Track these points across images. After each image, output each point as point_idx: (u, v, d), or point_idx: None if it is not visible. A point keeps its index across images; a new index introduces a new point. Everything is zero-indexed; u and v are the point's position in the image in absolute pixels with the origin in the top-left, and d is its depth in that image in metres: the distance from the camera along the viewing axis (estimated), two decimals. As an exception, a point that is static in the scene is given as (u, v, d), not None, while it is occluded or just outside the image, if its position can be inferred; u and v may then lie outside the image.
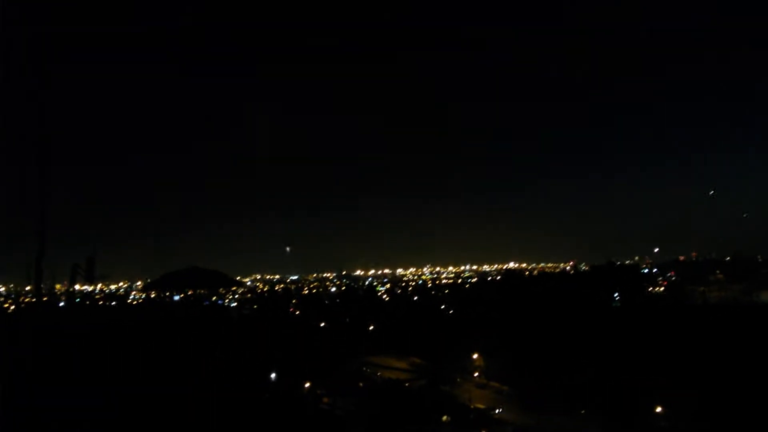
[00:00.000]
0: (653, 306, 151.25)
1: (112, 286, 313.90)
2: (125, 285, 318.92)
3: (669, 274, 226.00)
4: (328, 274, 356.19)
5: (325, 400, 68.87)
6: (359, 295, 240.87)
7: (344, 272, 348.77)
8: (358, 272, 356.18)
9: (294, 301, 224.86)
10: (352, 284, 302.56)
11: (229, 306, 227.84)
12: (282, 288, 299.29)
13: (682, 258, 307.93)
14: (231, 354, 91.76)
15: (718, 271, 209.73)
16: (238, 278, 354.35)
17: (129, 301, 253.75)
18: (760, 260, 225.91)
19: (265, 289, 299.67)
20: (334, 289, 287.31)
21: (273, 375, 77.03)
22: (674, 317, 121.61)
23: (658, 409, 54.57)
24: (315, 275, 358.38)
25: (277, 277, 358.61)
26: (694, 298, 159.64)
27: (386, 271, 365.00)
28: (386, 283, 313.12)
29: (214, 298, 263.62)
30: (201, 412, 58.29)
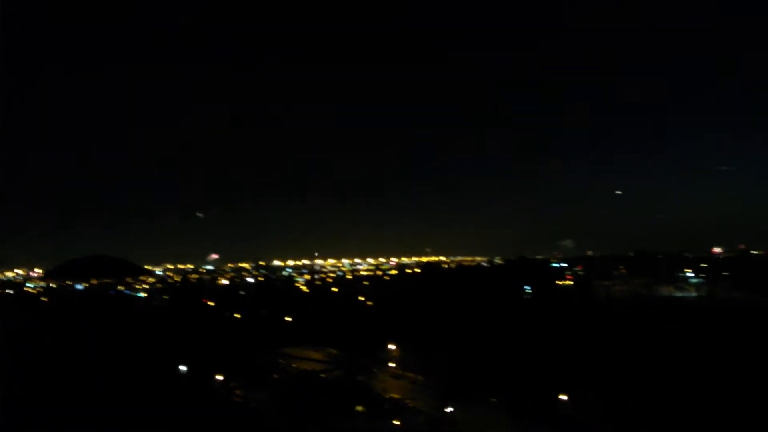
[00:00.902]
0: (561, 299, 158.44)
1: (8, 274, 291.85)
2: (23, 273, 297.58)
3: (577, 269, 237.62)
4: (245, 265, 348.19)
5: (238, 392, 66.79)
6: (277, 286, 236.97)
7: (262, 263, 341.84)
8: (276, 263, 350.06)
9: (208, 291, 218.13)
10: (270, 275, 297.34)
11: (137, 296, 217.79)
12: (196, 278, 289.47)
13: (589, 253, 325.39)
14: (137, 346, 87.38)
15: (621, 267, 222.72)
16: (148, 267, 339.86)
17: (26, 289, 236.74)
18: (660, 257, 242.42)
19: (177, 279, 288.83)
20: (251, 280, 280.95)
21: (183, 368, 73.97)
22: (580, 310, 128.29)
23: (563, 397, 56.78)
24: (231, 266, 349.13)
25: (191, 266, 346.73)
26: (599, 291, 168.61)
27: (305, 262, 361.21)
28: (305, 274, 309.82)
29: (121, 287, 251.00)
30: (102, 405, 54.95)
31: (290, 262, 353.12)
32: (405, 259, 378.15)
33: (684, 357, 68.76)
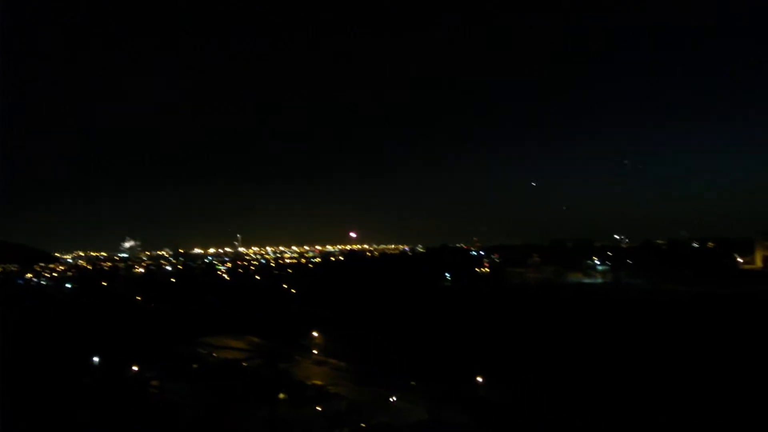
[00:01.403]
0: (479, 284, 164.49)
1: None
2: None
3: (494, 257, 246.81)
4: (164, 252, 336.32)
5: (154, 384, 65.02)
6: (197, 274, 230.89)
7: (181, 250, 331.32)
8: (196, 251, 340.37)
9: (122, 279, 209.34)
10: (190, 263, 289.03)
11: (43, 284, 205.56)
12: (110, 266, 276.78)
13: (506, 242, 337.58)
14: (42, 337, 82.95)
15: (535, 255, 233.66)
16: (58, 255, 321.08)
17: None
18: (570, 246, 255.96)
19: (89, 266, 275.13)
20: (170, 268, 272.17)
21: (95, 359, 71.02)
22: (496, 295, 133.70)
23: (479, 379, 59.52)
24: (149, 253, 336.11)
25: (104, 254, 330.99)
26: (514, 277, 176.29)
27: (227, 249, 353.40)
28: (227, 262, 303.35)
29: (29, 275, 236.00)
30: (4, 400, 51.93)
31: (212, 250, 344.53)
32: (329, 247, 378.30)
33: (588, 339, 73.68)
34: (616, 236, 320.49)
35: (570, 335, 77.57)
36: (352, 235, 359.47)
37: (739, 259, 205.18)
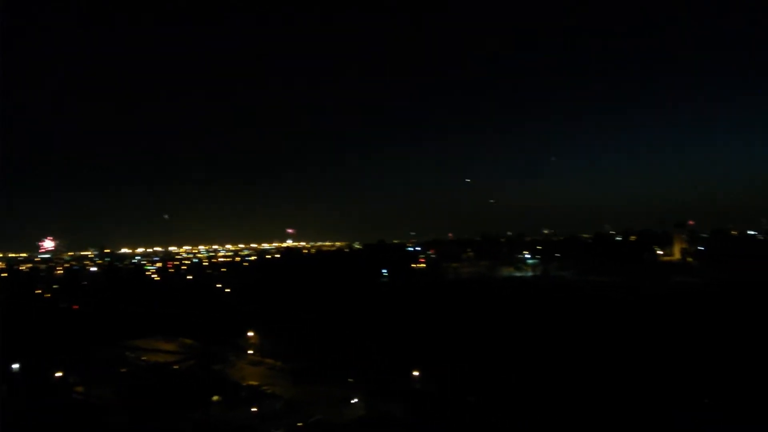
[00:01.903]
0: (415, 280, 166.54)
1: None
2: None
3: (429, 252, 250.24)
4: (88, 253, 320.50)
5: (79, 389, 62.08)
6: (124, 274, 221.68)
7: (107, 250, 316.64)
8: (124, 250, 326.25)
9: (43, 282, 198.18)
10: (117, 263, 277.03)
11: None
12: (28, 268, 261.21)
13: (440, 237, 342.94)
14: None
15: (469, 250, 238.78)
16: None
17: None
18: (503, 240, 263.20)
19: (4, 268, 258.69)
20: (95, 269, 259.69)
21: (15, 366, 67.01)
22: (432, 291, 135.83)
23: (415, 372, 60.34)
24: (72, 254, 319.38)
25: (24, 255, 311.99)
26: (449, 273, 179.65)
27: (157, 249, 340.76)
28: (157, 261, 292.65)
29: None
30: None
31: (140, 250, 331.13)
32: (265, 245, 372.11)
33: (518, 329, 76.27)
34: (545, 231, 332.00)
35: (500, 326, 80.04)
36: (289, 232, 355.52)
37: (659, 252, 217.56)
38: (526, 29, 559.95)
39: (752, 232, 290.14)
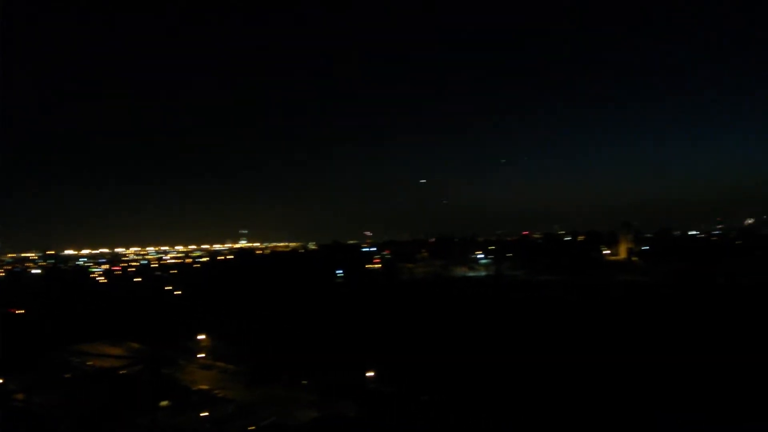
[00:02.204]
0: (370, 280, 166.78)
1: None
2: None
3: (384, 253, 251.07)
4: (31, 254, 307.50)
5: (19, 396, 59.27)
6: (68, 276, 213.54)
7: (50, 252, 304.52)
8: (68, 252, 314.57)
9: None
10: (61, 265, 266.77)
11: None
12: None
13: (395, 237, 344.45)
14: None
15: (424, 250, 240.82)
16: None
17: None
18: (456, 241, 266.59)
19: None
20: (38, 271, 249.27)
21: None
22: (387, 291, 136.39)
23: (370, 373, 60.38)
24: (13, 255, 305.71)
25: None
26: (404, 273, 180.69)
27: (104, 250, 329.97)
28: (103, 263, 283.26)
29: None
30: None
31: (86, 251, 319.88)
32: (218, 246, 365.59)
33: (470, 328, 77.40)
34: (498, 231, 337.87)
35: (454, 325, 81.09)
36: (242, 232, 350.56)
37: (606, 251, 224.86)
38: (476, 29, 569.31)
39: (693, 233, 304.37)
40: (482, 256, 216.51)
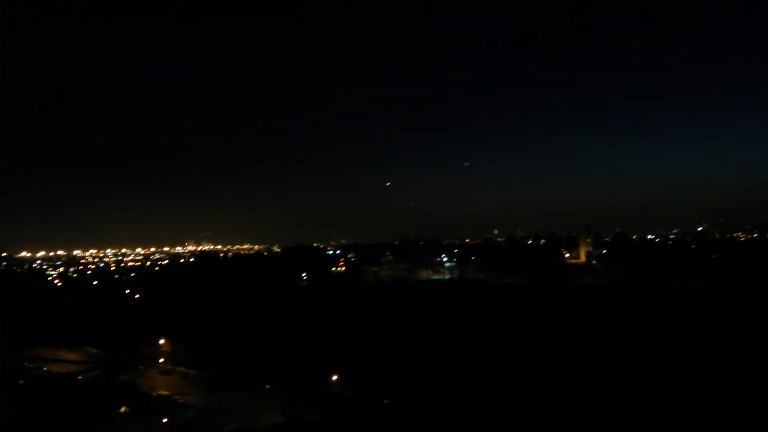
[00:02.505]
0: (335, 283, 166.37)
1: None
2: None
3: (350, 256, 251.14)
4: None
5: (-30, 404, 57.24)
6: (21, 279, 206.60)
7: (4, 254, 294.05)
8: (23, 254, 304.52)
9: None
10: (15, 268, 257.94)
11: None
12: None
13: (360, 241, 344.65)
14: None
15: (388, 253, 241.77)
16: None
17: None
18: (421, 244, 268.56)
19: None
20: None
21: None
22: (352, 294, 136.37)
23: (334, 377, 60.43)
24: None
25: None
26: (368, 276, 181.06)
27: (60, 253, 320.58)
28: (60, 266, 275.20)
29: None
30: None
31: (41, 253, 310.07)
32: (179, 249, 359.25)
33: (434, 331, 78.20)
34: (462, 235, 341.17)
35: (418, 327, 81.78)
36: (204, 235, 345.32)
37: (566, 254, 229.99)
38: (443, 32, 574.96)
39: (650, 237, 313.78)
40: (446, 259, 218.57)
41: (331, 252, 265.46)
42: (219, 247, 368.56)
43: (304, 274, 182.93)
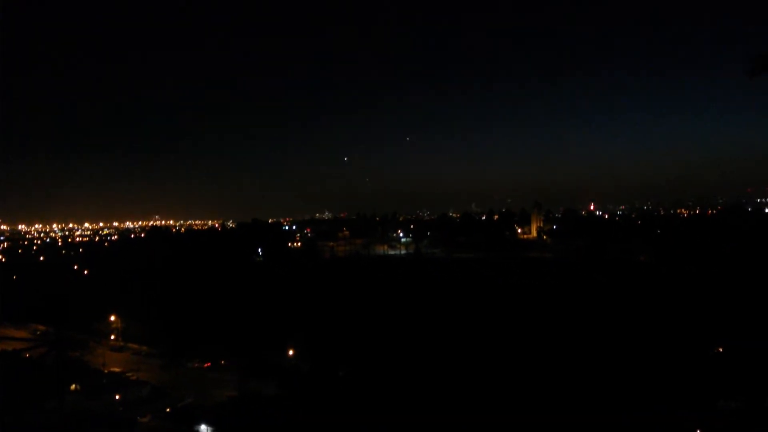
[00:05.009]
0: (291, 259, 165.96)
1: None
2: None
3: (306, 231, 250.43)
4: None
5: None
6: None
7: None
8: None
9: None
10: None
11: None
12: None
13: (317, 216, 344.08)
14: None
15: (345, 229, 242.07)
16: None
17: None
18: (377, 220, 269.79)
19: None
20: None
21: None
22: (307, 269, 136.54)
23: (290, 352, 60.98)
24: None
25: None
26: (325, 251, 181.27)
27: (3, 227, 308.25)
28: (3, 241, 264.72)
29: None
30: None
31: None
32: (129, 224, 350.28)
33: (390, 303, 79.56)
34: (418, 211, 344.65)
35: (372, 301, 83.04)
36: (153, 209, 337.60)
37: (519, 230, 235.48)
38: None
39: (598, 213, 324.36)
40: (402, 234, 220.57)
41: (287, 228, 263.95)
42: (171, 222, 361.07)
43: (259, 250, 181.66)
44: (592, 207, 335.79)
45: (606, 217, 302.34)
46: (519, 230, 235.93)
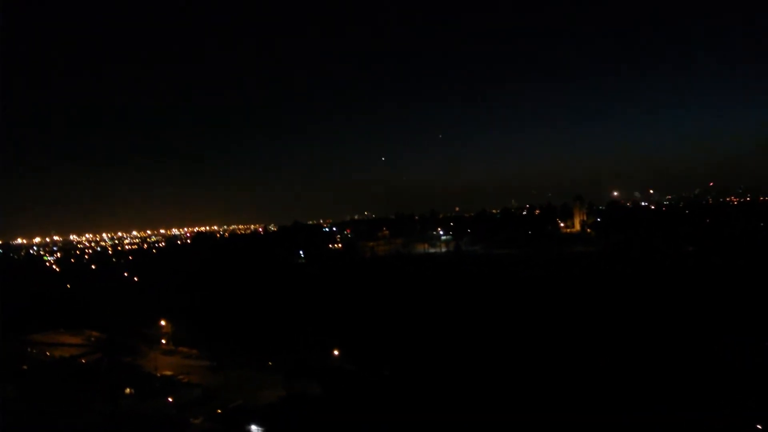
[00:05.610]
0: (332, 260, 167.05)
1: None
2: None
3: (345, 232, 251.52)
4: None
5: (-25, 392, 58.01)
6: (18, 265, 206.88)
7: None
8: (18, 241, 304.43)
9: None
10: (11, 254, 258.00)
11: None
12: None
13: (357, 217, 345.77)
14: None
15: (384, 228, 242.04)
16: None
17: None
18: (417, 218, 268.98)
19: None
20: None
21: None
22: (349, 269, 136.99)
23: (335, 352, 61.37)
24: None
25: None
26: (365, 251, 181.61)
27: (56, 238, 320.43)
28: (56, 251, 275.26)
29: None
30: None
31: (37, 239, 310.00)
32: (175, 231, 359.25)
33: (435, 302, 78.99)
34: (456, 208, 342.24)
35: (417, 300, 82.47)
36: (200, 216, 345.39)
37: (561, 224, 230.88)
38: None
39: (644, 204, 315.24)
40: (442, 232, 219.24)
41: (327, 229, 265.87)
42: (215, 227, 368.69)
43: (301, 252, 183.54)
44: (636, 198, 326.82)
45: (652, 207, 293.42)
46: (561, 224, 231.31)
